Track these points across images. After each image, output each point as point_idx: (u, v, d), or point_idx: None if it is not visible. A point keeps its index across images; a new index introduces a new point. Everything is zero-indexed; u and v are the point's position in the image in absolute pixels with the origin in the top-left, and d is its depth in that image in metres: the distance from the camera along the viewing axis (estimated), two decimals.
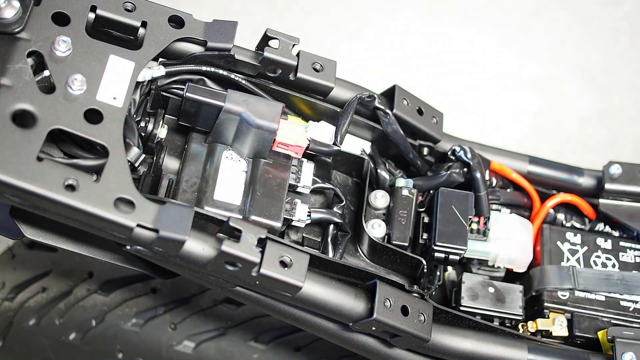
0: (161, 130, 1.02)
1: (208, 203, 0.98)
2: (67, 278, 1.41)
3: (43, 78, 0.91)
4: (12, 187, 0.84)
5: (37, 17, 0.93)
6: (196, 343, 1.42)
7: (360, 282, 1.01)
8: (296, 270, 0.92)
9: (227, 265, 0.91)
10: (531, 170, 1.22)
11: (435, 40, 2.26)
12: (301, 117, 1.10)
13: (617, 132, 2.18)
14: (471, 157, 1.14)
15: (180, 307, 1.41)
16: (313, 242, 1.07)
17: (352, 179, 1.16)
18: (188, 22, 1.01)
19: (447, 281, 1.17)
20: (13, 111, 0.87)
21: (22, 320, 1.42)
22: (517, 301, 1.12)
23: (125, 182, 0.88)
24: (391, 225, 1.10)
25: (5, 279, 1.43)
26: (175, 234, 0.87)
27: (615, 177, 1.20)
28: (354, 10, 2.28)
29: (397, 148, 1.14)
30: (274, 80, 1.07)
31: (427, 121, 1.16)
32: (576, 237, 1.19)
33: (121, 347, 1.43)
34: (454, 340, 1.04)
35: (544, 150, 1.98)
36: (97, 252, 1.01)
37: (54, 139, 0.93)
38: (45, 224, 0.98)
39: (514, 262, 1.15)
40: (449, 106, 2.08)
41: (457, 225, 1.09)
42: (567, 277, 1.14)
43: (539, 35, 2.29)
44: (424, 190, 1.15)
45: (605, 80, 2.24)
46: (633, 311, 1.13)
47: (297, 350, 1.41)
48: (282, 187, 1.02)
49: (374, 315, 0.97)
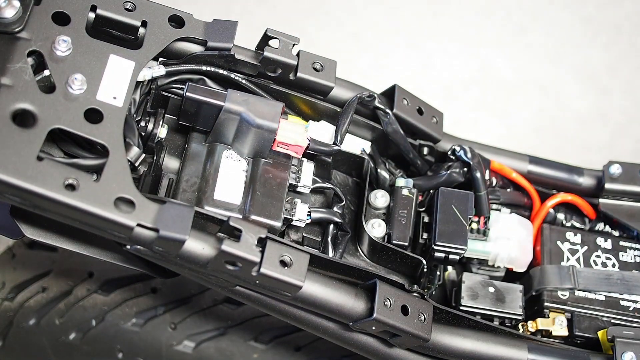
0: (161, 129, 1.02)
1: (208, 202, 0.98)
2: (67, 278, 1.41)
3: (43, 78, 0.91)
4: (12, 186, 0.84)
5: (37, 16, 0.93)
6: (196, 343, 1.42)
7: (360, 281, 1.01)
8: (296, 270, 0.92)
9: (227, 264, 0.91)
10: (531, 170, 1.22)
11: (435, 40, 2.26)
12: (301, 116, 1.10)
13: (617, 132, 2.18)
14: (471, 157, 1.14)
15: (180, 307, 1.41)
16: (313, 241, 1.07)
17: (352, 178, 1.16)
18: (188, 22, 1.01)
19: (447, 281, 1.17)
20: (13, 111, 0.87)
21: (22, 320, 1.42)
22: (517, 301, 1.12)
23: (125, 181, 0.88)
24: (391, 225, 1.10)
25: (5, 279, 1.43)
26: (175, 233, 0.87)
27: (615, 177, 1.20)
28: (354, 10, 2.28)
29: (397, 148, 1.14)
30: (274, 80, 1.07)
31: (427, 121, 1.16)
32: (576, 236, 1.19)
33: (121, 347, 1.43)
34: (454, 340, 1.04)
35: (544, 150, 1.98)
36: (97, 252, 1.01)
37: (54, 138, 0.93)
38: (45, 224, 0.98)
39: (514, 262, 1.15)
40: (449, 106, 2.09)
41: (457, 225, 1.09)
42: (567, 276, 1.14)
43: (539, 35, 2.29)
44: (424, 190, 1.15)
45: (605, 80, 2.24)
46: (633, 311, 1.13)
47: (297, 350, 1.41)
48: (282, 186, 1.02)
49: (374, 314, 0.97)
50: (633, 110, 2.21)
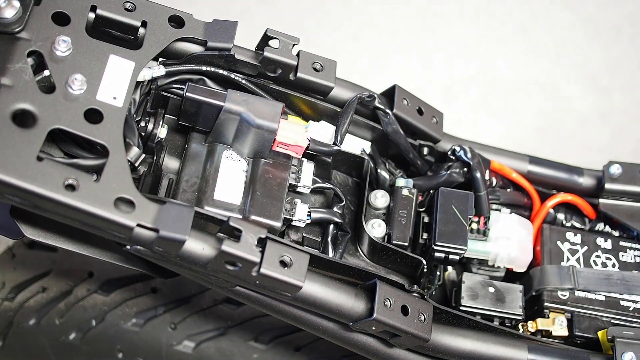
0: (161, 130, 1.02)
1: (208, 203, 0.98)
2: (67, 278, 1.41)
3: (43, 78, 0.91)
4: (12, 187, 0.84)
5: (37, 16, 0.93)
6: (196, 343, 1.42)
7: (360, 282, 1.01)
8: (296, 270, 0.92)
9: (227, 265, 0.91)
10: (531, 170, 1.22)
11: (436, 40, 2.26)
12: (301, 117, 1.10)
13: (617, 132, 2.18)
14: (471, 157, 1.14)
15: (180, 307, 1.41)
16: (313, 242, 1.07)
17: (352, 178, 1.16)
18: (188, 22, 1.01)
19: (447, 281, 1.17)
20: (13, 111, 0.87)
21: (22, 320, 1.42)
22: (517, 301, 1.12)
23: (125, 181, 0.88)
24: (391, 225, 1.10)
25: (5, 279, 1.43)
26: (175, 233, 0.87)
27: (615, 177, 1.20)
28: (354, 10, 2.28)
29: (397, 148, 1.14)
30: (274, 80, 1.07)
31: (427, 121, 1.16)
32: (576, 237, 1.19)
33: (121, 347, 1.43)
34: (454, 340, 1.04)
35: (544, 150, 1.98)
36: (97, 252, 1.01)
37: (54, 138, 0.93)
38: (45, 224, 0.98)
39: (514, 262, 1.15)
40: (449, 106, 2.09)
41: (457, 225, 1.09)
42: (567, 277, 1.14)
43: (539, 35, 2.29)
44: (424, 190, 1.15)
45: (606, 80, 2.24)
46: (633, 311, 1.13)
47: (297, 350, 1.41)
48: (282, 186, 1.02)
49: (374, 315, 0.97)
50: (633, 110, 2.21)
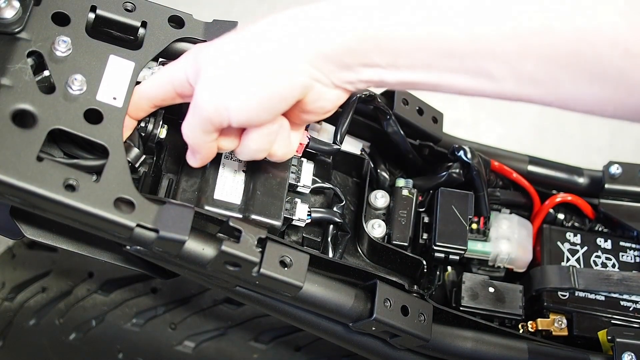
0: (161, 130, 1.02)
1: (208, 202, 0.97)
2: (67, 278, 1.41)
3: (43, 78, 0.91)
4: (12, 187, 0.83)
5: (37, 17, 0.93)
6: (196, 343, 1.42)
7: (360, 282, 1.01)
8: (296, 270, 0.92)
9: (227, 265, 0.91)
10: (531, 170, 1.22)
11: None
12: None
13: (617, 132, 2.18)
14: (471, 157, 1.14)
15: (180, 307, 1.40)
16: (313, 242, 1.07)
17: (352, 179, 1.16)
18: (188, 22, 1.01)
19: (447, 281, 1.17)
20: (13, 111, 0.87)
21: (22, 320, 1.42)
22: (517, 301, 1.12)
23: (125, 182, 0.88)
24: (391, 225, 1.10)
25: (5, 279, 1.43)
26: (175, 234, 0.87)
27: (615, 177, 1.20)
28: None
29: (397, 148, 1.14)
30: None
31: (427, 121, 1.16)
32: (576, 237, 1.19)
33: (121, 347, 1.43)
34: (454, 340, 1.04)
35: (544, 150, 1.98)
36: (97, 252, 1.01)
37: (54, 139, 0.93)
38: (45, 224, 0.98)
39: (514, 262, 1.15)
40: (449, 106, 2.08)
41: (457, 225, 1.09)
42: (567, 277, 1.14)
43: None
44: (424, 190, 1.15)
45: None
46: (633, 311, 1.13)
47: (297, 350, 1.41)
48: (282, 186, 1.02)
49: (374, 315, 0.97)
50: None
